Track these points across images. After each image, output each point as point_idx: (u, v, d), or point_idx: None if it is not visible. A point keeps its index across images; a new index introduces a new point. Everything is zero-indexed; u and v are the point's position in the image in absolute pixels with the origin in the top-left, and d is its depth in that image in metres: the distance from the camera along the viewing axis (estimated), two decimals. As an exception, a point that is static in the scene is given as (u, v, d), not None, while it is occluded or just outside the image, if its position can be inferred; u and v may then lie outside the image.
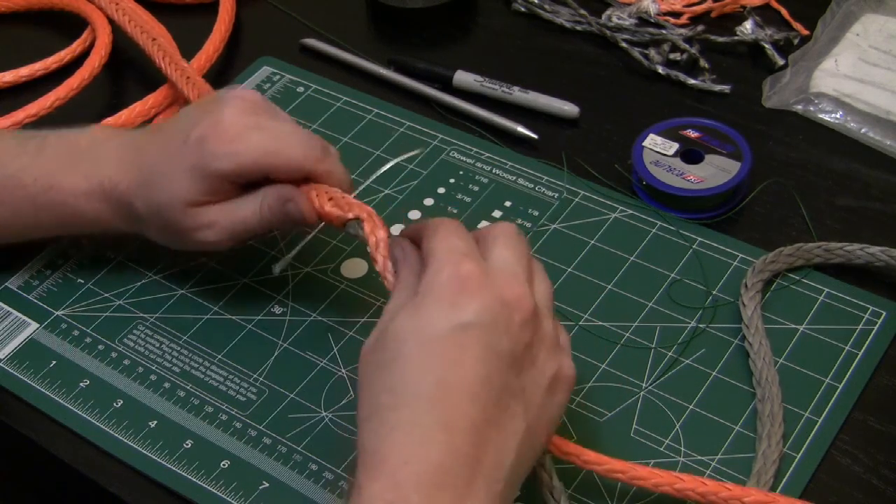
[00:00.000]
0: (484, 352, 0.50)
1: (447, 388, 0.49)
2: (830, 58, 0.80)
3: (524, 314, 0.51)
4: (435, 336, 0.50)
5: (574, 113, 0.79)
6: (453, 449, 0.48)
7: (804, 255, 0.68)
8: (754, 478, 0.58)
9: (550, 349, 0.53)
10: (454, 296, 0.51)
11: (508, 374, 0.50)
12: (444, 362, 0.49)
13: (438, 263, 0.52)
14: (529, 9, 0.88)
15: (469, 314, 0.50)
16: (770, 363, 0.63)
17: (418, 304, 0.51)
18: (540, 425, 0.52)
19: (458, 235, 0.54)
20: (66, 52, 0.87)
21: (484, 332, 0.50)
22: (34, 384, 0.67)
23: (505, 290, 0.51)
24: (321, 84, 0.84)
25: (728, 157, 0.72)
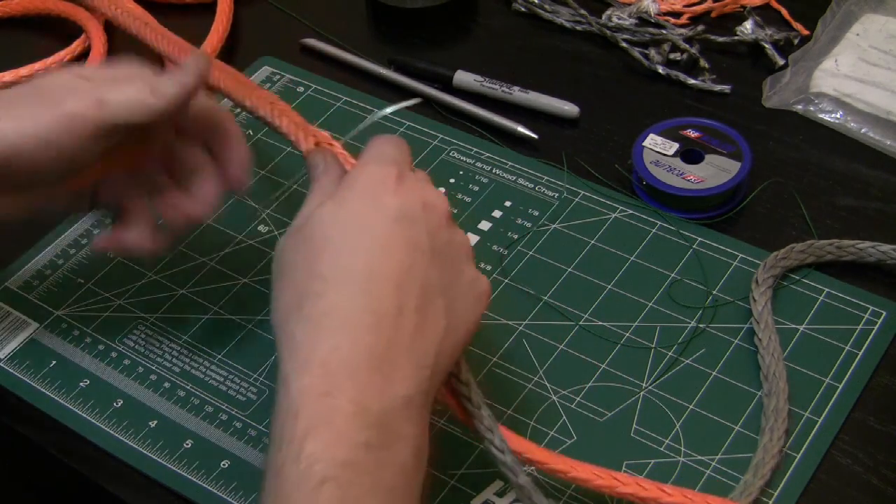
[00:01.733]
0: (409, 245, 0.51)
1: (376, 274, 0.50)
2: (830, 58, 0.80)
3: (442, 216, 0.54)
4: (363, 225, 0.51)
5: (574, 113, 0.79)
6: (383, 333, 0.49)
7: (816, 252, 0.68)
8: (752, 470, 0.59)
9: (467, 257, 0.54)
10: (379, 191, 0.53)
11: (430, 269, 0.52)
12: (373, 251, 0.51)
13: (364, 161, 0.55)
14: (529, 9, 0.88)
15: (393, 209, 0.52)
16: (779, 358, 0.63)
17: (344, 196, 0.53)
18: (459, 327, 0.53)
19: (392, 145, 0.56)
20: (66, 52, 0.87)
21: (408, 227, 0.52)
22: (34, 384, 0.67)
23: (426, 191, 0.54)
24: (321, 84, 0.84)
25: (728, 157, 0.72)
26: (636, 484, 0.55)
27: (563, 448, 0.61)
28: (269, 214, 0.75)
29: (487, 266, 0.70)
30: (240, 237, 0.73)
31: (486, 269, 0.70)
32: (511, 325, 0.67)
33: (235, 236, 0.74)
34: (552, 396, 0.64)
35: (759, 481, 0.58)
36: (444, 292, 0.52)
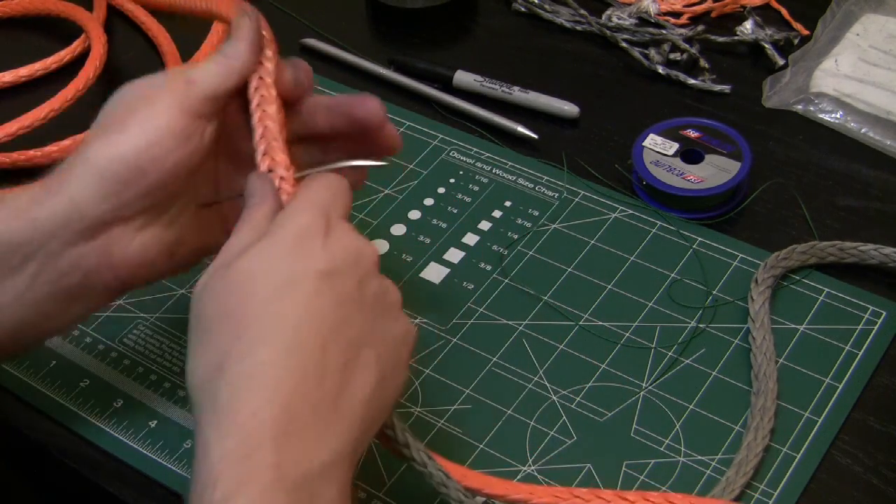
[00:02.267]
0: (337, 299, 0.50)
1: (303, 333, 0.48)
2: (830, 58, 0.80)
3: (371, 266, 0.52)
4: (290, 280, 0.49)
5: (574, 113, 0.79)
6: (305, 394, 0.47)
7: (818, 254, 0.68)
8: (734, 468, 0.59)
9: (397, 305, 0.53)
10: (307, 243, 0.50)
11: (360, 322, 0.50)
12: (300, 308, 0.49)
13: (294, 208, 0.52)
14: (529, 9, 0.88)
15: (322, 262, 0.50)
16: (771, 359, 0.63)
17: (270, 245, 0.50)
18: (392, 378, 0.52)
19: (327, 188, 0.54)
20: (66, 52, 0.87)
21: (337, 281, 0.50)
22: (34, 384, 0.67)
23: (355, 241, 0.52)
24: (321, 84, 0.84)
25: (728, 157, 0.72)
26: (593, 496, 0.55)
27: (563, 448, 0.61)
28: (269, 214, 0.75)
29: (487, 266, 0.70)
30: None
31: (486, 268, 0.70)
32: (511, 325, 0.67)
33: (235, 236, 0.73)
34: (552, 396, 0.64)
35: (741, 479, 0.58)
36: (374, 344, 0.51)
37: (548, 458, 0.61)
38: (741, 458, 0.59)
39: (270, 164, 0.55)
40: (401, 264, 0.71)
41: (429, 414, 0.63)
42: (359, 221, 0.74)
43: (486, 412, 0.63)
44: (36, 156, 0.78)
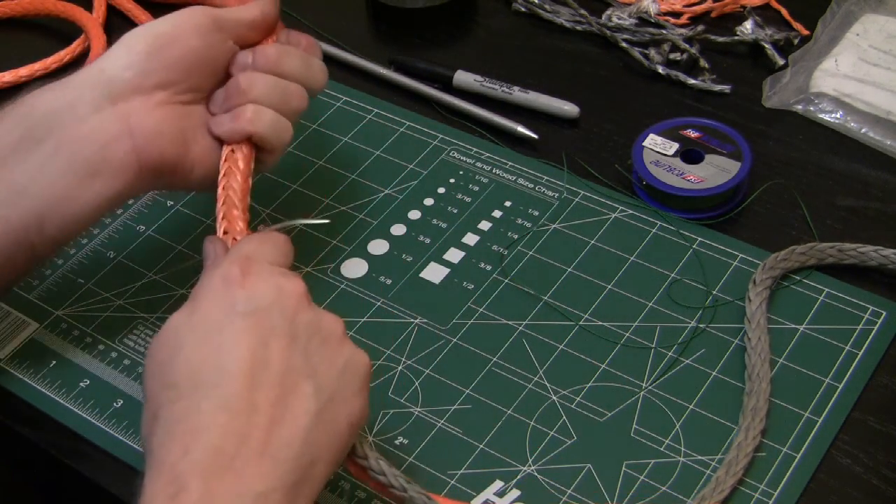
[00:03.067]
0: (262, 335, 0.51)
1: (227, 373, 0.49)
2: (830, 58, 0.80)
3: (299, 299, 0.53)
4: (212, 325, 0.51)
5: (574, 113, 0.79)
6: (233, 431, 0.48)
7: (817, 255, 0.68)
8: (724, 467, 0.59)
9: (339, 335, 0.53)
10: (226, 288, 0.52)
11: (291, 355, 0.51)
12: (220, 350, 0.50)
13: (221, 262, 0.54)
14: (529, 9, 0.88)
15: (241, 302, 0.51)
16: (766, 360, 0.63)
17: (193, 302, 0.52)
18: (337, 408, 0.51)
19: (255, 241, 0.56)
20: (66, 52, 0.87)
21: (260, 318, 0.51)
22: (34, 384, 0.67)
23: (277, 278, 0.53)
24: (321, 84, 0.84)
25: (728, 157, 0.72)
26: None
27: (563, 448, 0.61)
28: (269, 214, 0.75)
29: (487, 266, 0.70)
30: (240, 237, 0.73)
31: (486, 269, 0.70)
32: (511, 325, 0.67)
33: (235, 236, 0.74)
34: (552, 396, 0.64)
35: (731, 479, 0.58)
36: (311, 375, 0.51)
37: (548, 458, 0.61)
38: (731, 458, 0.59)
39: (226, 227, 0.59)
40: (401, 264, 0.71)
41: (429, 414, 0.63)
42: (359, 221, 0.74)
43: (486, 412, 0.63)
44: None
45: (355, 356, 0.53)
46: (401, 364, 0.66)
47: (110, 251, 0.73)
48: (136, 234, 0.74)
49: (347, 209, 0.75)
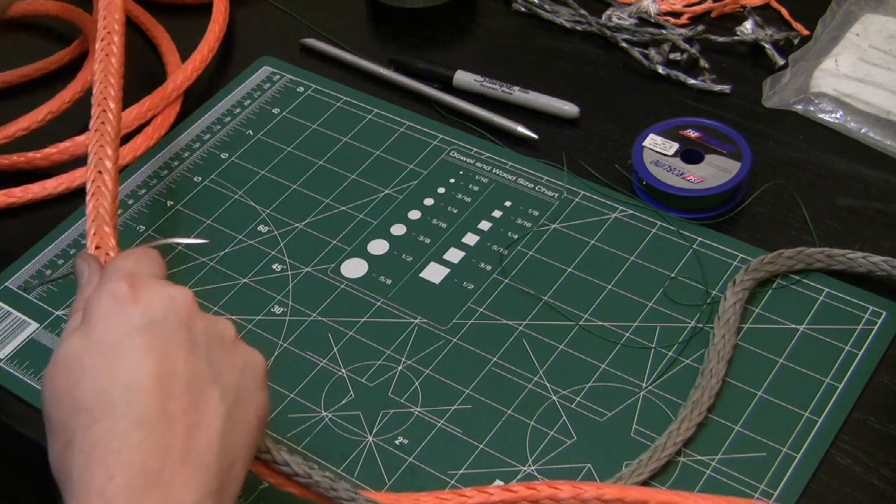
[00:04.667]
0: (163, 346, 0.50)
1: (135, 389, 0.49)
2: (830, 58, 0.80)
3: (190, 307, 0.52)
4: (111, 343, 0.50)
5: (574, 113, 0.79)
6: (153, 445, 0.48)
7: (805, 259, 0.68)
8: (650, 451, 0.60)
9: (232, 338, 0.53)
10: (118, 305, 0.51)
11: (194, 361, 0.51)
12: (127, 366, 0.50)
13: (102, 280, 0.54)
14: (529, 9, 0.88)
15: (137, 317, 0.51)
16: (724, 358, 0.63)
17: (87, 323, 0.52)
18: (244, 406, 0.52)
19: (133, 257, 0.55)
20: (66, 52, 0.87)
21: (157, 329, 0.51)
22: (34, 384, 0.67)
23: (166, 288, 0.53)
24: (321, 84, 0.84)
25: (728, 157, 0.72)
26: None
27: (563, 448, 0.61)
28: (268, 214, 0.75)
29: (487, 266, 0.70)
30: (240, 237, 0.73)
31: (486, 269, 0.70)
32: (511, 325, 0.67)
33: (235, 236, 0.74)
34: (552, 396, 0.64)
35: (653, 463, 0.59)
36: (216, 379, 0.51)
37: (548, 458, 0.61)
38: (661, 443, 0.60)
39: (99, 243, 0.59)
40: (401, 264, 0.71)
41: (429, 414, 0.63)
42: (359, 221, 0.74)
43: (486, 412, 0.63)
44: (35, 157, 0.78)
45: (251, 356, 0.54)
46: (401, 364, 0.66)
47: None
48: (137, 234, 0.74)
49: (347, 209, 0.75)
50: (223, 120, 0.82)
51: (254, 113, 0.82)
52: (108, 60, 0.69)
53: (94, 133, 0.66)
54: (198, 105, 0.83)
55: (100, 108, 0.67)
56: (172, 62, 0.85)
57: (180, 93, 0.82)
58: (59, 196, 0.78)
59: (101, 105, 0.68)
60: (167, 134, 0.81)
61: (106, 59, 0.69)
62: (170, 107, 0.82)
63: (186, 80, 0.82)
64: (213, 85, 0.85)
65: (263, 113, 0.82)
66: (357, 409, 0.64)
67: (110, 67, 0.69)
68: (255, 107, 0.82)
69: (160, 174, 0.78)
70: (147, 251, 0.57)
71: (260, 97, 0.83)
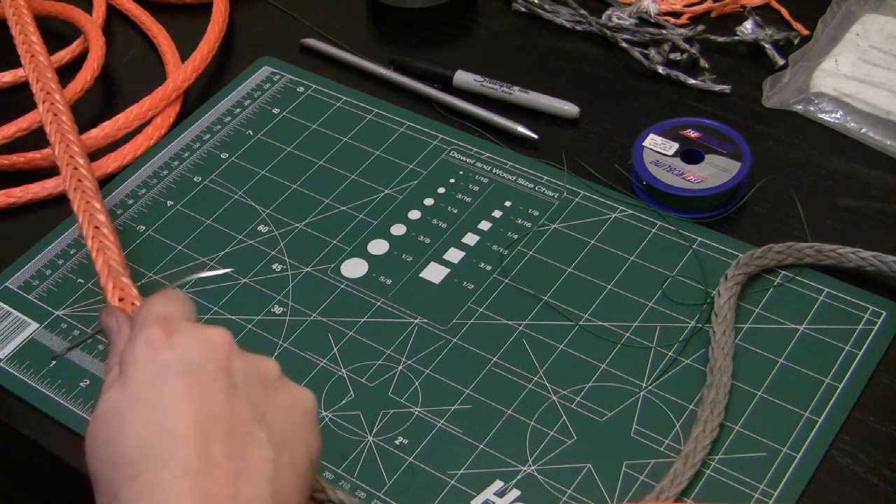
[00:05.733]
0: (203, 391, 0.49)
1: (176, 436, 0.48)
2: (830, 58, 0.80)
3: (229, 349, 0.51)
4: (151, 394, 0.49)
5: (574, 113, 0.79)
6: (200, 494, 0.47)
7: (794, 255, 0.68)
8: (681, 460, 0.59)
9: (277, 377, 0.52)
10: (154, 353, 0.50)
11: (236, 403, 0.49)
12: (165, 414, 0.48)
13: (133, 332, 0.52)
14: (529, 9, 0.88)
15: (174, 363, 0.50)
16: (729, 354, 0.63)
17: (124, 374, 0.51)
18: (294, 448, 0.51)
19: (161, 301, 0.54)
20: (66, 52, 0.87)
21: (195, 374, 0.49)
22: (34, 384, 0.67)
23: (203, 331, 0.51)
24: (321, 84, 0.84)
25: (728, 157, 0.72)
26: None
27: (563, 448, 0.61)
28: (268, 214, 0.75)
29: (487, 266, 0.70)
30: (240, 237, 0.73)
31: (486, 269, 0.70)
32: (511, 325, 0.67)
33: (235, 236, 0.74)
34: (552, 396, 0.64)
35: (689, 471, 0.58)
36: (260, 421, 0.50)
37: (548, 459, 0.61)
38: (688, 451, 0.59)
39: (120, 295, 0.59)
40: (401, 264, 0.71)
41: (429, 414, 0.63)
42: (359, 221, 0.74)
43: (486, 412, 0.63)
44: (35, 158, 0.78)
45: (299, 394, 0.52)
46: (401, 364, 0.66)
47: (110, 251, 0.73)
48: (137, 234, 0.74)
49: (347, 209, 0.75)
50: (223, 120, 0.82)
51: (254, 113, 0.82)
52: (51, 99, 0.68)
53: (75, 193, 0.65)
54: (198, 105, 0.83)
55: (70, 167, 0.66)
56: (172, 62, 0.85)
57: (180, 93, 0.82)
58: (59, 196, 0.78)
59: (69, 164, 0.66)
60: (167, 134, 0.81)
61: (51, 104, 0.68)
62: (170, 107, 0.82)
63: (186, 80, 0.82)
64: (213, 85, 0.85)
65: (263, 113, 0.82)
66: (357, 409, 0.64)
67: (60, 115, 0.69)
68: (255, 107, 0.82)
69: (160, 174, 0.78)
70: (174, 293, 0.55)
71: (260, 97, 0.83)
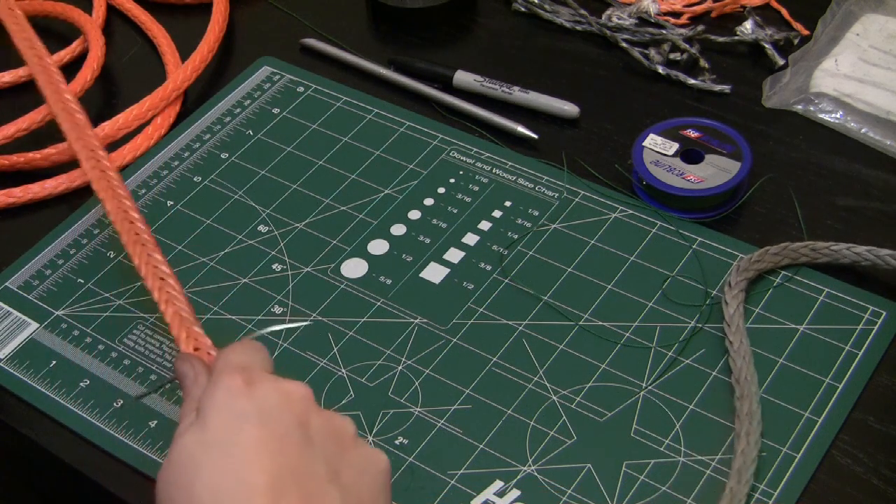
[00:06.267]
0: (279, 443, 0.49)
1: (249, 487, 0.48)
2: (830, 58, 0.80)
3: (307, 404, 0.51)
4: (227, 442, 0.49)
5: (574, 113, 0.79)
6: None
7: (790, 255, 0.68)
8: (734, 477, 0.58)
9: (352, 436, 0.52)
10: (233, 402, 0.50)
11: (310, 459, 0.49)
12: (240, 463, 0.48)
13: (215, 375, 0.52)
14: (529, 9, 0.88)
15: (252, 415, 0.49)
16: (749, 361, 0.63)
17: (202, 419, 0.50)
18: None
19: (238, 351, 0.54)
20: (66, 52, 0.87)
21: (272, 424, 0.49)
22: (34, 384, 0.67)
23: (282, 385, 0.51)
24: (321, 84, 0.84)
25: (728, 157, 0.72)
26: None
27: (563, 448, 0.61)
28: (268, 214, 0.75)
29: (487, 266, 0.70)
30: (240, 237, 0.73)
31: (486, 269, 0.70)
32: (511, 325, 0.67)
33: (235, 236, 0.74)
34: (552, 396, 0.64)
35: (744, 487, 0.58)
36: (333, 479, 0.49)
37: (548, 459, 0.61)
38: (739, 466, 0.59)
39: (196, 344, 0.59)
40: (401, 264, 0.71)
41: (429, 414, 0.63)
42: (359, 221, 0.74)
43: (486, 412, 0.63)
44: (35, 158, 0.78)
45: (373, 456, 0.52)
46: (401, 364, 0.66)
47: (110, 251, 0.73)
48: (136, 234, 0.74)
49: (347, 209, 0.75)
50: (223, 120, 0.82)
51: (254, 113, 0.82)
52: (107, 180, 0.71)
53: (135, 246, 0.65)
54: (198, 105, 0.83)
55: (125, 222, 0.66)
56: (172, 62, 0.85)
57: (180, 93, 0.82)
58: (59, 196, 0.78)
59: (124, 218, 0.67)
60: (167, 134, 0.81)
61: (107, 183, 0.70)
62: (170, 107, 0.82)
63: (186, 81, 0.82)
64: (213, 85, 0.85)
65: (263, 113, 0.82)
66: (357, 409, 0.64)
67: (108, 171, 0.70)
68: (255, 107, 0.82)
69: (160, 174, 0.78)
70: (253, 344, 0.55)
71: (260, 97, 0.83)
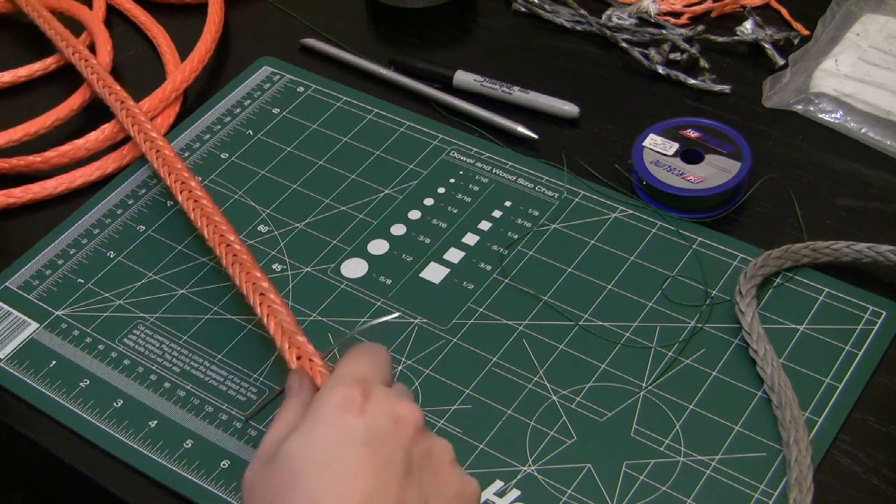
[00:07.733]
0: (380, 465, 0.49)
1: (345, 502, 0.48)
2: (830, 58, 0.80)
3: (416, 428, 0.51)
4: (331, 454, 0.49)
5: (574, 113, 0.79)
6: None
7: (792, 257, 0.68)
8: (795, 488, 0.58)
9: (451, 463, 0.52)
10: (344, 414, 0.50)
11: (408, 487, 0.49)
12: (340, 479, 0.49)
13: (330, 384, 0.52)
14: (529, 9, 0.88)
15: (360, 431, 0.50)
16: (779, 368, 0.62)
17: (310, 424, 0.51)
18: None
19: (363, 359, 0.54)
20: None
21: (377, 447, 0.50)
22: (34, 384, 0.67)
23: (395, 405, 0.51)
24: (321, 84, 0.84)
25: (728, 157, 0.72)
26: None
27: (563, 448, 0.61)
28: (268, 214, 0.75)
29: (487, 266, 0.70)
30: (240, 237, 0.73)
31: (486, 269, 0.70)
32: (511, 325, 0.67)
33: (235, 236, 0.74)
34: (552, 396, 0.64)
35: (807, 497, 0.57)
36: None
37: (548, 458, 0.61)
38: (797, 476, 0.58)
39: (298, 353, 0.59)
40: (401, 264, 0.71)
41: (429, 414, 0.63)
42: (359, 221, 0.74)
43: (486, 412, 0.63)
44: (35, 161, 0.78)
45: (465, 485, 0.52)
46: (401, 364, 0.66)
47: (110, 251, 0.73)
48: (136, 234, 0.74)
49: (347, 209, 0.75)
50: (223, 120, 0.82)
51: (254, 113, 0.82)
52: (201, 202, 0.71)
53: (234, 267, 0.65)
54: (198, 105, 0.83)
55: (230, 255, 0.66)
56: (172, 62, 0.85)
57: (179, 93, 0.82)
58: (59, 196, 0.78)
59: (220, 241, 0.67)
60: (167, 134, 0.81)
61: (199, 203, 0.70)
62: (169, 107, 0.82)
63: (185, 81, 0.82)
64: (212, 85, 0.85)
65: (263, 113, 0.82)
66: (357, 409, 0.64)
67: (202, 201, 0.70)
68: (255, 107, 0.82)
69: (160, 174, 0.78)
70: (379, 352, 0.55)
71: (260, 97, 0.83)
